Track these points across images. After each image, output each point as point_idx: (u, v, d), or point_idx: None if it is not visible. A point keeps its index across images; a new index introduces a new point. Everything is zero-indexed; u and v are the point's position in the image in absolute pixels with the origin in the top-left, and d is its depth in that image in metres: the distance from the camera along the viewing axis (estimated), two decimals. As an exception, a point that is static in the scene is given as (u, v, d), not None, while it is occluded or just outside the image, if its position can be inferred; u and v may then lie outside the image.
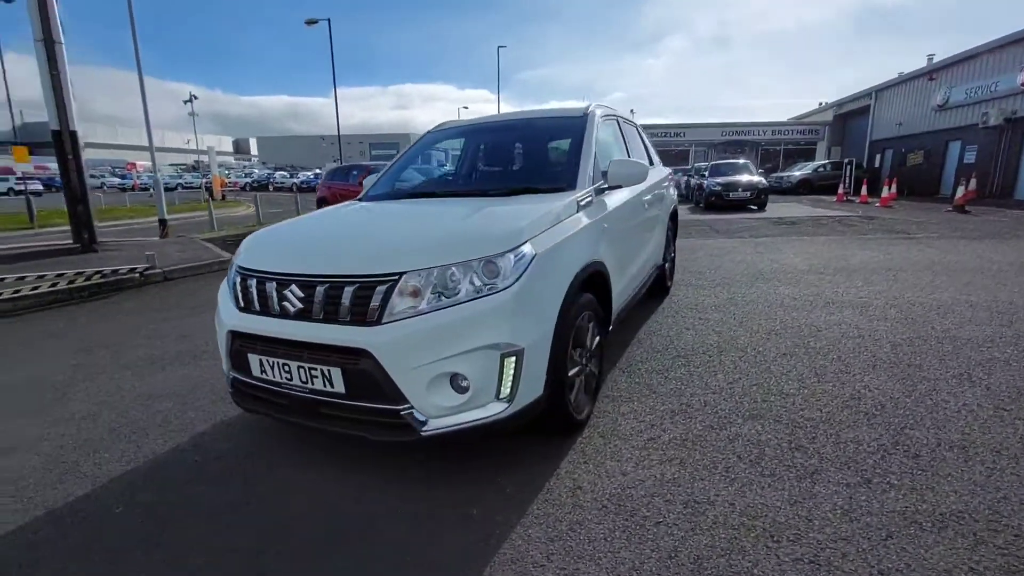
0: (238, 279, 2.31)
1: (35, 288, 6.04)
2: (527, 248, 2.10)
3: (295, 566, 1.77)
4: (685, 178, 19.64)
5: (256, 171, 48.51)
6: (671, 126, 32.21)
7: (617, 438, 2.49)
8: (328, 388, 2.03)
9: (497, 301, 1.96)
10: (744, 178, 15.39)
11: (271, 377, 2.17)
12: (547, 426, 2.43)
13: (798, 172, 23.49)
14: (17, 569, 1.81)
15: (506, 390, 2.00)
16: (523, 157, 3.52)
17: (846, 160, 19.04)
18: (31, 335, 4.61)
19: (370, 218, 2.73)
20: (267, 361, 2.15)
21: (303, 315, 2.07)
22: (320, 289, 2.03)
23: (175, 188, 36.31)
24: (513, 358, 1.98)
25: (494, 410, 2.00)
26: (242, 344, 2.23)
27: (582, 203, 2.68)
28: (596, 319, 2.69)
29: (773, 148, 32.23)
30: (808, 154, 30.63)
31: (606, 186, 2.99)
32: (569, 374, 2.36)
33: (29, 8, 7.56)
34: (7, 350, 4.21)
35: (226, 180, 36.70)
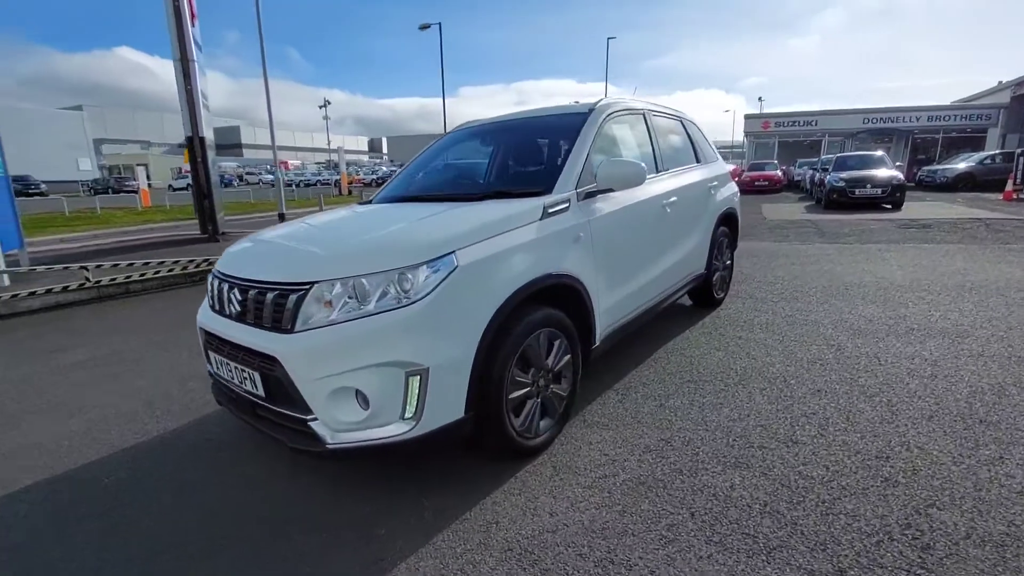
0: (212, 280, 2.46)
1: (156, 272, 7.10)
2: (447, 260, 1.96)
3: (184, 564, 1.83)
4: (810, 173, 17.46)
5: (383, 168, 52.58)
6: (799, 114, 28.98)
7: (569, 471, 2.26)
8: (254, 390, 2.08)
9: (400, 316, 1.86)
10: (876, 173, 13.29)
11: (222, 374, 2.29)
12: (486, 450, 2.28)
13: (959, 164, 19.77)
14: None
15: (411, 410, 1.89)
16: (514, 159, 3.33)
17: (1019, 151, 15.50)
18: (138, 312, 5.41)
19: (335, 223, 2.73)
20: (216, 359, 2.27)
21: (241, 318, 2.14)
22: (251, 294, 2.08)
23: (314, 184, 40.85)
24: (417, 378, 1.86)
25: (396, 431, 1.90)
26: (207, 341, 2.37)
27: (551, 209, 2.45)
28: (567, 336, 2.46)
29: (929, 137, 27.57)
30: (976, 143, 25.69)
31: (597, 190, 2.72)
32: (510, 396, 2.18)
33: (169, 31, 8.83)
34: (117, 324, 4.97)
35: (355, 176, 40.25)
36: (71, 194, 30.19)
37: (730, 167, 4.86)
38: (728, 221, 4.55)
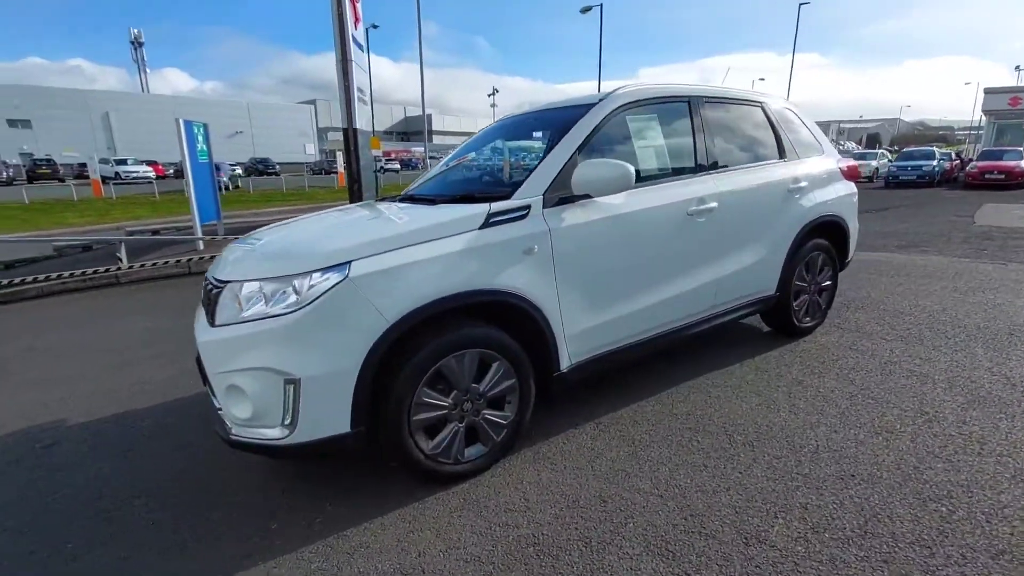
0: None
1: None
2: (337, 270, 1.90)
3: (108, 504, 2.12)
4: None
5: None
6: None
7: (475, 509, 2.06)
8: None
9: (275, 324, 1.87)
10: None
11: None
12: (398, 467, 2.19)
13: None
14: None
15: (288, 418, 1.89)
16: (514, 157, 3.04)
17: None
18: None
19: (304, 224, 2.71)
20: None
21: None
22: (207, 289, 2.28)
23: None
24: (292, 386, 1.86)
25: (276, 435, 1.93)
26: None
27: (497, 217, 2.21)
28: (510, 359, 2.23)
29: None
30: None
31: (569, 195, 2.37)
32: (416, 417, 2.06)
33: (333, 36, 10.05)
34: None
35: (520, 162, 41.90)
36: (297, 174, 36.69)
37: (848, 163, 3.80)
38: (827, 232, 3.61)
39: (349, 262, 1.92)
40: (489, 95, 45.39)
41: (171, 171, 33.12)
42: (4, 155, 35.74)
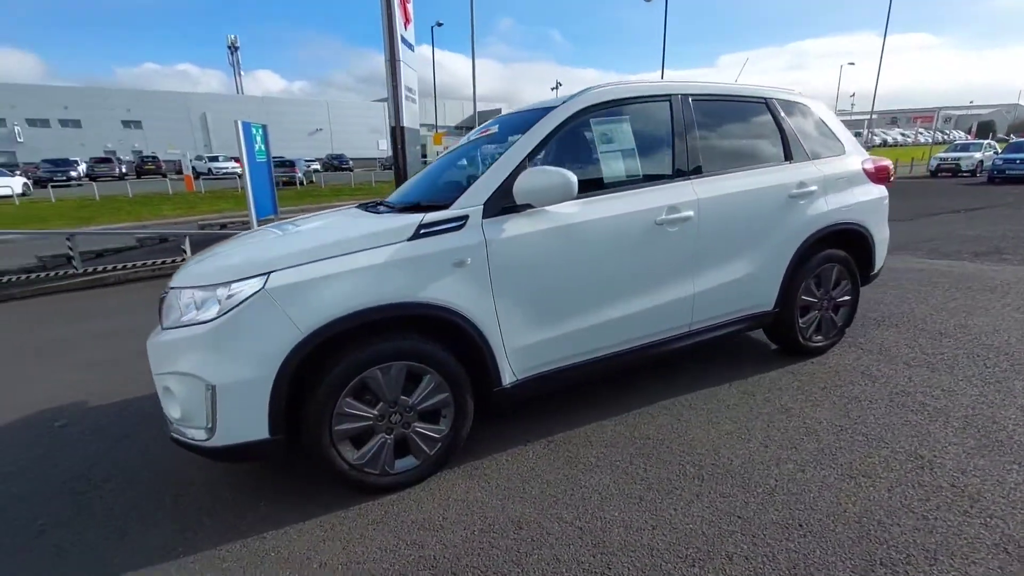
0: None
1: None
2: (252, 282, 1.94)
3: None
4: None
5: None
6: None
7: (386, 523, 2.06)
8: None
9: (199, 331, 1.95)
10: None
11: None
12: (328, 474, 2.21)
13: None
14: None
15: (208, 422, 1.97)
16: (482, 163, 2.95)
17: None
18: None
19: (263, 233, 2.75)
20: None
21: None
22: None
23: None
24: (210, 392, 1.93)
25: (200, 436, 2.02)
26: None
27: (429, 228, 2.16)
28: (442, 372, 2.20)
29: None
30: None
31: (511, 205, 2.28)
32: (338, 427, 2.08)
33: (383, 37, 10.36)
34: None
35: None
36: (369, 168, 38.34)
37: (878, 162, 3.35)
38: (845, 241, 3.22)
39: (268, 273, 1.96)
40: (553, 88, 44.80)
41: (256, 166, 35.72)
42: (120, 153, 40.25)
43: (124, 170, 34.39)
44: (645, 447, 2.44)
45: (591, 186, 2.51)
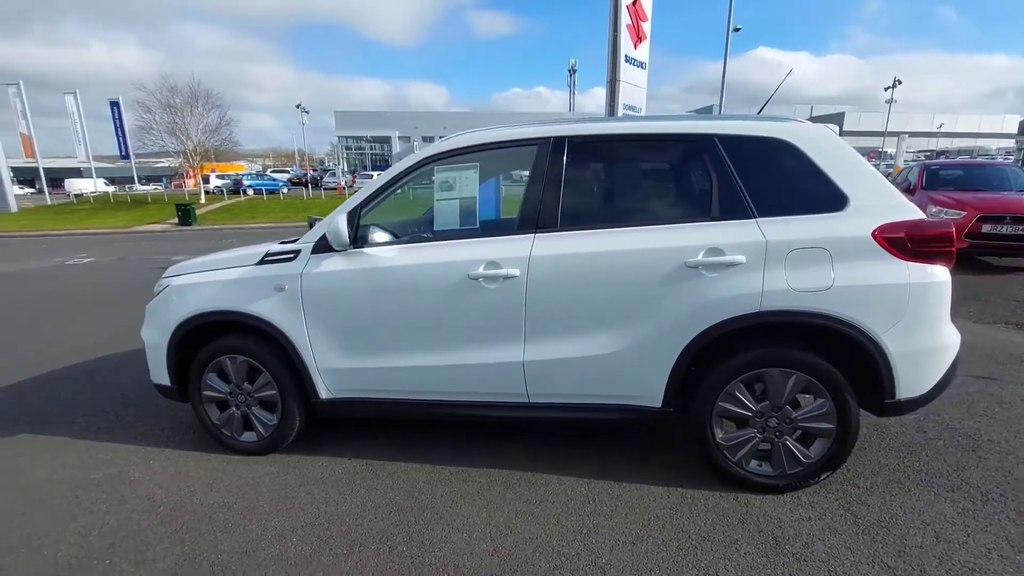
0: None
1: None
2: (165, 283, 2.93)
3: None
4: None
5: (1001, 157, 37.58)
6: None
7: (197, 471, 2.73)
8: None
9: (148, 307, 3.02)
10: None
11: None
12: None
13: None
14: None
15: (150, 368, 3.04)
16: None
17: None
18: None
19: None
20: None
21: None
22: None
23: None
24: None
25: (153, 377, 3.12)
26: None
27: (271, 256, 2.71)
28: (271, 372, 2.75)
29: None
30: None
31: (325, 245, 2.59)
32: (204, 393, 2.88)
33: (607, 58, 10.72)
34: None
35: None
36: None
37: (930, 225, 1.98)
38: (820, 341, 2.19)
39: (172, 277, 2.90)
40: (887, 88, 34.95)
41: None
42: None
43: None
44: (408, 514, 2.41)
45: (426, 232, 2.57)
